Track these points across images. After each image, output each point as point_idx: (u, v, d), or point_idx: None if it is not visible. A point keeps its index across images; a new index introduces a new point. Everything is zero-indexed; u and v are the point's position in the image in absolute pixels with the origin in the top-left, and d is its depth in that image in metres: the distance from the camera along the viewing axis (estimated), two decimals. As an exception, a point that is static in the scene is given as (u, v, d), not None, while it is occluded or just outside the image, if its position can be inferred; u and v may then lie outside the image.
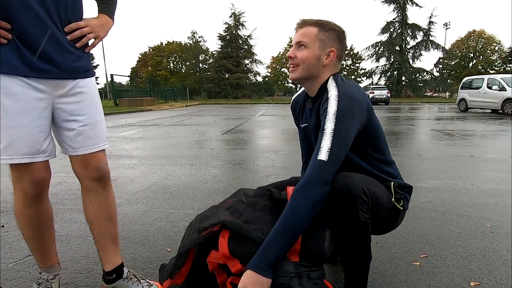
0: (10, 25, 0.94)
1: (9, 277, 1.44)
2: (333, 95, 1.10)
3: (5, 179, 3.08)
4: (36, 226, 1.17)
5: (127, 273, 1.27)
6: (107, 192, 1.24)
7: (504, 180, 2.94)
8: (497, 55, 38.55)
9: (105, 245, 1.25)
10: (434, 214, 2.13)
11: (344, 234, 1.07)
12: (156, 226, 2.00)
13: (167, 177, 3.19)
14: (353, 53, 41.61)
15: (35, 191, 1.10)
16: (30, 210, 1.13)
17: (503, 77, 12.32)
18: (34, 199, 1.12)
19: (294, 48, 1.20)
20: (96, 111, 1.18)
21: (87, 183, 1.20)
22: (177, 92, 32.81)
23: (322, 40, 1.16)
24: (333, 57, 1.18)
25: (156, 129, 7.66)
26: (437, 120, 9.64)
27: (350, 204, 1.02)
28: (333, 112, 1.06)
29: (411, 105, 20.38)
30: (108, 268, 1.24)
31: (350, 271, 1.15)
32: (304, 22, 1.18)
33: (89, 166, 1.17)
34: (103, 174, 1.22)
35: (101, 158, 1.20)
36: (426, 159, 3.94)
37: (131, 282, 1.25)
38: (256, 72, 40.17)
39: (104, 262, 1.26)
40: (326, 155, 1.02)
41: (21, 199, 1.11)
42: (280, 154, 4.32)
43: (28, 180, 1.08)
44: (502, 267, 1.48)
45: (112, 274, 1.24)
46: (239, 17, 37.48)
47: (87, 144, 1.15)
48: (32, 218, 1.15)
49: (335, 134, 1.03)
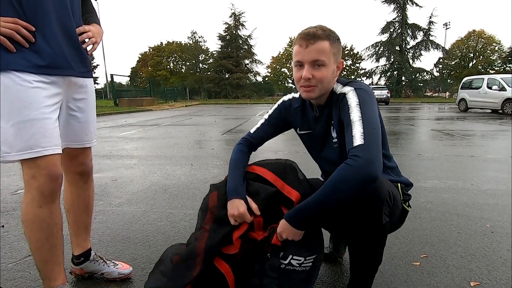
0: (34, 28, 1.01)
1: (9, 277, 1.44)
2: (350, 90, 1.11)
3: (5, 179, 3.08)
4: (49, 231, 1.09)
5: (94, 256, 1.40)
6: (88, 186, 1.35)
7: (504, 180, 2.94)
8: (497, 55, 38.54)
9: (78, 232, 1.36)
10: (434, 214, 2.13)
11: (363, 236, 1.06)
12: (156, 226, 2.00)
13: (167, 177, 3.19)
14: (353, 53, 41.58)
15: (51, 188, 1.06)
16: (44, 211, 1.07)
17: (503, 77, 12.31)
18: (50, 198, 1.07)
19: (308, 67, 1.09)
20: (93, 110, 1.30)
21: (71, 176, 1.30)
22: (177, 92, 32.79)
23: (334, 54, 1.10)
24: (341, 68, 1.17)
25: (156, 129, 7.66)
26: (437, 120, 9.64)
27: (376, 207, 1.00)
28: (356, 103, 1.06)
29: (411, 105, 20.38)
30: (77, 252, 1.37)
31: (359, 271, 1.15)
32: (316, 36, 1.07)
33: (76, 160, 1.28)
34: (88, 170, 1.33)
35: (88, 154, 1.32)
36: (426, 159, 3.94)
37: (97, 263, 1.40)
38: (256, 72, 40.22)
39: (75, 246, 1.37)
40: (362, 139, 0.97)
41: (35, 199, 1.05)
42: (280, 154, 4.32)
43: (45, 175, 1.04)
44: (502, 267, 1.48)
45: (80, 257, 1.38)
46: (239, 17, 37.48)
47: (79, 139, 1.25)
48: (45, 221, 1.08)
49: (364, 119, 1.01)
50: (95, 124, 1.32)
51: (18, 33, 0.98)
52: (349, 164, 0.95)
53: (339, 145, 1.17)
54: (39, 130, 1.02)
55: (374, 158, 0.95)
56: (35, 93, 1.02)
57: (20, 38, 0.98)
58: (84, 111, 1.24)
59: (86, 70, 1.21)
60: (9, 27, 0.96)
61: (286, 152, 4.45)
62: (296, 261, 1.10)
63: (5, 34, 0.96)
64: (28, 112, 1.01)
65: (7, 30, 0.96)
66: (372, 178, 0.94)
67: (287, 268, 1.11)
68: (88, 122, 1.25)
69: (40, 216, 1.07)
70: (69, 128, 1.20)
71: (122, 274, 1.40)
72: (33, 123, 1.01)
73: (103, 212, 2.13)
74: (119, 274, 1.40)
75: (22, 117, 1.00)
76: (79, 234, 1.36)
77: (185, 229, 1.94)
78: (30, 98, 1.01)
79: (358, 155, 0.94)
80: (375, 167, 0.94)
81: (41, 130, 1.03)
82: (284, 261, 1.11)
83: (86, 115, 1.25)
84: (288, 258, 1.10)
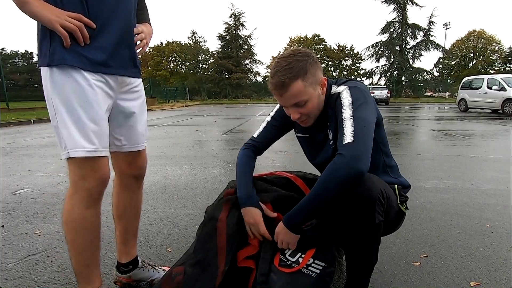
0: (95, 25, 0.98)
1: (9, 277, 1.44)
2: (344, 89, 1.12)
3: (5, 179, 3.09)
4: (95, 233, 1.08)
5: (141, 262, 1.35)
6: (140, 190, 1.31)
7: (504, 180, 2.94)
8: (497, 55, 38.47)
9: (127, 239, 1.30)
10: (434, 214, 2.13)
11: (357, 235, 1.06)
12: (156, 226, 2.00)
13: (167, 177, 3.19)
14: (353, 53, 41.60)
15: (100, 190, 1.05)
16: (91, 213, 1.05)
17: (503, 77, 12.32)
18: (98, 199, 1.06)
19: (292, 110, 1.11)
20: (145, 110, 1.26)
21: (127, 180, 1.25)
22: (177, 92, 32.78)
23: (311, 83, 1.08)
24: (325, 82, 1.15)
25: (156, 129, 7.66)
26: (437, 120, 9.65)
27: (369, 206, 1.00)
28: (349, 102, 1.07)
29: (411, 105, 20.39)
30: (125, 260, 1.30)
31: (355, 271, 1.15)
32: (285, 84, 1.05)
33: (135, 164, 1.24)
34: (143, 173, 1.29)
35: (144, 156, 1.28)
36: (426, 159, 3.94)
37: (146, 270, 1.34)
38: (256, 72, 40.19)
39: (122, 254, 1.30)
40: (351, 137, 0.98)
41: (83, 200, 1.03)
42: (280, 154, 4.32)
43: (96, 177, 1.02)
44: (502, 267, 1.48)
45: (129, 265, 1.31)
46: (239, 17, 37.46)
47: (138, 141, 1.22)
48: (92, 222, 1.06)
49: (355, 117, 1.02)
50: (146, 125, 1.29)
51: (80, 30, 0.95)
52: (335, 162, 0.97)
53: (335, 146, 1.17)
54: (95, 131, 1.01)
55: (360, 153, 0.95)
56: (94, 93, 1.00)
57: (81, 36, 0.96)
58: (139, 112, 1.20)
59: (137, 71, 1.18)
60: (73, 23, 0.93)
61: (286, 152, 4.45)
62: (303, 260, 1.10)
63: (68, 29, 0.93)
64: (86, 111, 0.98)
65: (71, 26, 0.93)
66: (358, 173, 0.94)
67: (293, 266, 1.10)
68: (142, 123, 1.23)
69: (87, 218, 1.04)
70: (129, 130, 1.18)
71: None
72: (90, 123, 0.99)
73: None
74: None
75: (79, 116, 0.98)
76: (128, 242, 1.30)
77: (185, 229, 1.94)
78: (89, 98, 0.99)
79: (344, 153, 0.96)
80: (361, 162, 0.94)
81: (97, 131, 1.01)
82: (292, 258, 1.11)
83: (141, 116, 1.22)
84: (296, 255, 1.11)
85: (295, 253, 1.12)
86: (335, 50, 42.25)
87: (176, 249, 1.69)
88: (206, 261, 1.09)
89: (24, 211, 2.25)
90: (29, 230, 1.93)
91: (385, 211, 1.06)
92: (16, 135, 6.54)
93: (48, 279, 1.42)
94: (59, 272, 1.47)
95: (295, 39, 43.43)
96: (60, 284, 1.38)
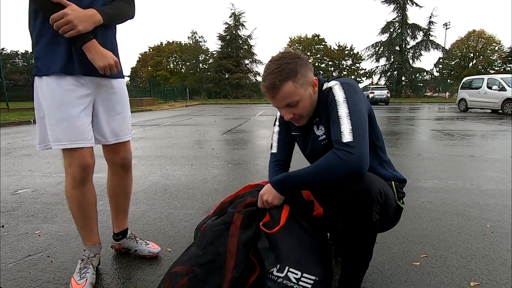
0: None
1: (9, 277, 1.44)
2: (336, 84, 1.13)
3: (5, 179, 3.09)
4: (82, 206, 1.34)
5: (130, 234, 1.62)
6: (127, 176, 1.56)
7: (504, 180, 2.94)
8: (497, 55, 38.46)
9: (118, 214, 1.59)
10: (434, 214, 2.13)
11: (353, 233, 1.07)
12: (156, 226, 2.00)
13: (167, 177, 3.19)
14: (353, 53, 41.58)
15: (81, 175, 1.28)
16: (76, 192, 1.31)
17: (503, 77, 12.31)
18: (80, 182, 1.30)
19: (285, 110, 1.14)
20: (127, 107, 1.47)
21: (114, 168, 1.51)
22: (177, 92, 32.77)
23: (302, 84, 1.10)
24: (316, 83, 1.16)
25: (156, 129, 7.67)
26: (437, 120, 9.64)
27: (366, 205, 1.01)
28: (343, 98, 1.08)
29: (411, 105, 20.39)
30: (117, 230, 1.60)
31: (349, 268, 1.15)
32: (276, 86, 1.08)
33: (119, 155, 1.47)
34: (128, 162, 1.52)
35: (128, 148, 1.50)
36: (426, 159, 3.94)
37: (132, 241, 1.61)
38: (256, 72, 40.08)
39: (115, 226, 1.60)
40: (351, 136, 1.01)
41: (70, 183, 1.29)
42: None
43: (77, 165, 1.26)
44: (502, 267, 1.48)
45: (119, 235, 1.60)
46: (239, 17, 37.46)
47: (120, 134, 1.42)
48: (78, 199, 1.32)
49: (352, 115, 1.04)
50: (130, 120, 1.50)
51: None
52: (340, 156, 1.01)
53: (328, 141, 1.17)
54: (71, 127, 1.22)
55: (363, 155, 1.01)
56: (68, 94, 1.21)
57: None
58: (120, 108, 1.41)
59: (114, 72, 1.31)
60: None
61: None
62: (293, 275, 1.06)
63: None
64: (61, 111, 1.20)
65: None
66: (360, 173, 1.01)
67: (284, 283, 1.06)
68: (124, 119, 1.44)
69: (73, 195, 1.32)
70: (110, 125, 1.38)
71: (152, 253, 1.59)
72: (66, 120, 1.21)
73: (103, 212, 2.13)
74: (149, 252, 1.59)
75: (57, 115, 1.21)
76: (118, 216, 1.59)
77: (185, 229, 1.94)
78: (63, 99, 1.20)
79: (350, 151, 1.00)
80: (364, 163, 1.01)
81: (72, 127, 1.22)
82: (281, 274, 1.07)
83: (123, 113, 1.43)
84: (284, 270, 1.07)
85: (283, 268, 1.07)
86: (335, 50, 42.22)
87: (176, 249, 1.69)
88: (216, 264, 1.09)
89: (24, 211, 2.25)
90: (29, 230, 1.93)
91: (384, 208, 1.07)
92: (16, 135, 6.54)
93: (48, 279, 1.42)
94: (59, 272, 1.47)
95: (295, 39, 43.42)
96: (60, 284, 1.38)
